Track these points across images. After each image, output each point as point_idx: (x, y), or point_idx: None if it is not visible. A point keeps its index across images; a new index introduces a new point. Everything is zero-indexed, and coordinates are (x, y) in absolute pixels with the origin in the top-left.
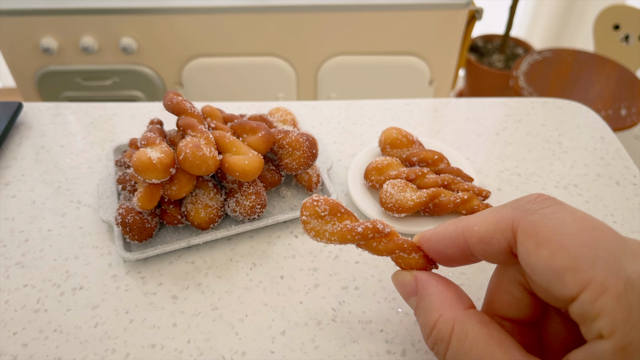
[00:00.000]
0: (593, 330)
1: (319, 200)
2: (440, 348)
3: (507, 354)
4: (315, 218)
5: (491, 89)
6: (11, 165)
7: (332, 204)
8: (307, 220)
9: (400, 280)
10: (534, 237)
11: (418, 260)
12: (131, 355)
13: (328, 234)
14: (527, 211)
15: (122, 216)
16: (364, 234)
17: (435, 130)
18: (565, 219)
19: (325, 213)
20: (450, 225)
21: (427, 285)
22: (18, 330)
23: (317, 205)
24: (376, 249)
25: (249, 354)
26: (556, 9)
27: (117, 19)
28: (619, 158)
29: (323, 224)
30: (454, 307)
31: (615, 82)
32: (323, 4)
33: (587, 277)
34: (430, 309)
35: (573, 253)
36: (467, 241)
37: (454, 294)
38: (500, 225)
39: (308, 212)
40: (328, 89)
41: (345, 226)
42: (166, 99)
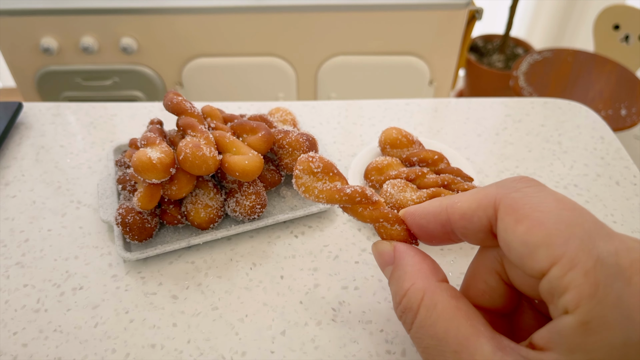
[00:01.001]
0: (559, 306)
1: (314, 157)
2: (408, 317)
3: (473, 327)
4: (307, 174)
5: (491, 89)
6: (11, 165)
7: (326, 162)
8: (299, 175)
9: (379, 249)
10: (514, 213)
11: (400, 232)
12: (131, 355)
13: (317, 191)
14: (510, 189)
15: (122, 216)
16: (351, 196)
17: (435, 130)
18: (546, 198)
19: (318, 170)
20: (435, 201)
21: (404, 255)
22: (18, 330)
23: (311, 161)
24: (361, 215)
25: (249, 354)
26: (556, 9)
27: (117, 19)
28: (619, 158)
29: (314, 181)
30: (427, 278)
31: (615, 82)
32: (323, 4)
33: (559, 252)
34: (403, 278)
35: (548, 230)
36: (450, 218)
37: (429, 266)
38: (483, 202)
39: (302, 166)
40: (328, 89)
41: (335, 186)
42: (166, 99)
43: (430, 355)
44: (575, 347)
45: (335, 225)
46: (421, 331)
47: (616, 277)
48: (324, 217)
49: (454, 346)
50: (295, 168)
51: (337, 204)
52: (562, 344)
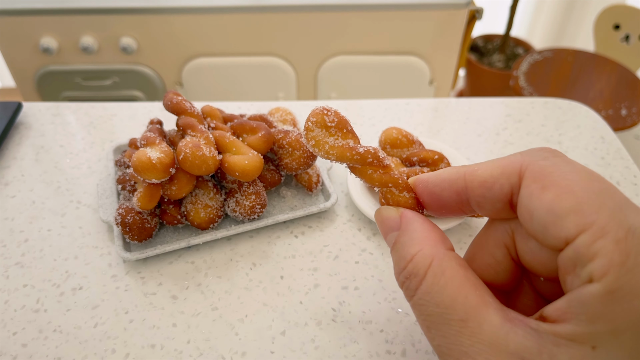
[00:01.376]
0: (583, 275)
1: (329, 110)
2: (413, 283)
3: (482, 297)
4: (319, 127)
5: (491, 89)
6: (11, 165)
7: (341, 118)
8: (311, 128)
9: (385, 214)
10: (541, 180)
11: (407, 200)
12: (131, 356)
13: (328, 147)
14: (538, 157)
15: (121, 216)
16: (363, 156)
17: (435, 130)
18: (575, 168)
19: (332, 125)
20: (451, 168)
21: (411, 222)
22: (18, 330)
23: (326, 114)
24: (370, 177)
25: (249, 354)
26: (556, 8)
27: (117, 18)
28: (619, 158)
29: (326, 136)
30: (436, 245)
31: (615, 82)
32: (323, 4)
33: (589, 220)
34: (410, 244)
35: (579, 198)
36: (467, 185)
37: (437, 234)
38: (507, 170)
39: (315, 119)
40: (328, 89)
41: (347, 144)
42: (166, 99)
43: (433, 324)
44: (598, 317)
45: (335, 225)
46: (426, 297)
47: None
48: (324, 217)
49: (461, 314)
50: (307, 120)
51: (346, 163)
52: (582, 314)
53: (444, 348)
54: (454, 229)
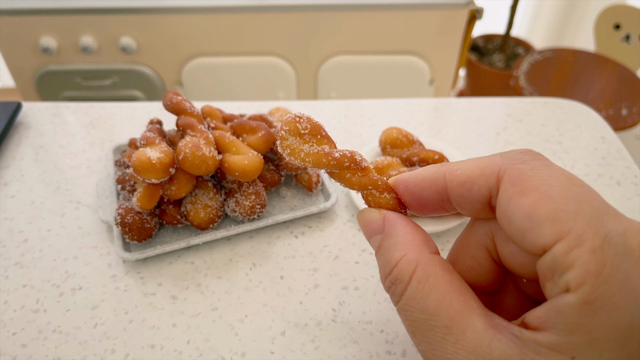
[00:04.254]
0: (560, 284)
1: (301, 117)
2: (398, 288)
3: (466, 303)
4: (293, 135)
5: (492, 89)
6: (10, 165)
7: (314, 124)
8: (284, 136)
9: (367, 217)
10: (519, 185)
11: (389, 201)
12: (130, 356)
13: (303, 154)
14: (516, 160)
15: (121, 216)
16: (340, 160)
17: (435, 130)
18: (554, 172)
19: (306, 132)
20: (431, 167)
21: (395, 225)
22: (17, 330)
23: (298, 122)
24: (349, 181)
25: (249, 355)
26: (557, 8)
27: (117, 18)
28: (620, 158)
29: (301, 143)
30: (420, 250)
31: (616, 81)
32: (323, 4)
33: (566, 228)
34: (394, 248)
35: (557, 204)
36: (447, 185)
37: (421, 237)
38: (485, 171)
39: (288, 127)
40: (328, 89)
41: (322, 149)
42: (166, 99)
43: (417, 330)
44: (575, 328)
45: (335, 226)
46: (411, 303)
47: (624, 257)
48: (324, 217)
49: (445, 321)
50: (280, 129)
51: (324, 169)
52: (560, 324)
53: (429, 354)
54: (455, 229)
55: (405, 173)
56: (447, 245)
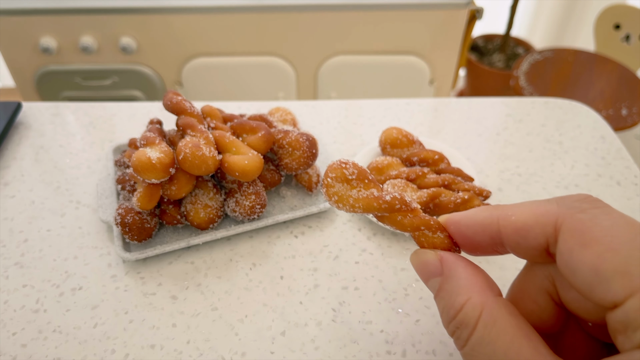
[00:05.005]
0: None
1: (347, 163)
2: (463, 333)
3: (535, 349)
4: (340, 182)
5: (492, 89)
6: (10, 165)
7: (360, 169)
8: (331, 184)
9: (422, 259)
10: (581, 236)
11: (443, 240)
12: (130, 356)
13: (352, 200)
14: (574, 209)
15: (121, 216)
16: (391, 203)
17: (435, 130)
18: (617, 221)
19: (353, 177)
20: (483, 211)
21: (454, 267)
22: (17, 330)
23: (345, 168)
24: (400, 223)
25: (249, 355)
26: (557, 8)
27: (117, 18)
28: (619, 158)
29: (348, 189)
30: (484, 292)
31: (616, 81)
32: (323, 4)
33: (637, 283)
34: (456, 291)
35: (623, 257)
36: (501, 230)
37: (483, 279)
38: (541, 219)
39: (334, 174)
40: (328, 89)
41: (371, 194)
42: (166, 99)
43: None
44: None
45: (335, 225)
46: (478, 349)
47: None
48: (324, 217)
49: None
50: (325, 176)
51: (374, 213)
52: None
53: None
54: None
55: (456, 214)
56: None
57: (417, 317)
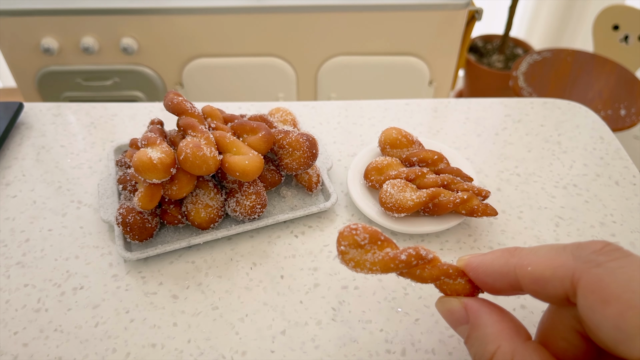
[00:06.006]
0: None
1: (357, 229)
2: None
3: None
4: (354, 248)
5: (491, 89)
6: (12, 166)
7: (371, 231)
8: (345, 251)
9: (448, 307)
10: (599, 293)
11: (465, 286)
12: (132, 355)
13: (369, 264)
14: (590, 263)
15: (122, 216)
16: (407, 261)
17: (435, 130)
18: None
19: (365, 242)
20: (500, 258)
21: (480, 314)
22: (19, 329)
23: (356, 234)
24: (420, 277)
25: (249, 354)
26: (556, 9)
27: (118, 19)
28: (618, 158)
29: (363, 254)
30: (512, 339)
31: (614, 82)
32: (323, 4)
33: None
34: (485, 340)
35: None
36: (519, 279)
37: (510, 323)
38: (558, 273)
39: (347, 241)
40: (328, 89)
41: (387, 254)
42: (166, 99)
43: None
44: None
45: (335, 225)
46: None
47: None
48: (324, 217)
49: None
50: (338, 244)
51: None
52: None
53: None
54: (454, 229)
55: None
56: (447, 244)
57: (417, 316)
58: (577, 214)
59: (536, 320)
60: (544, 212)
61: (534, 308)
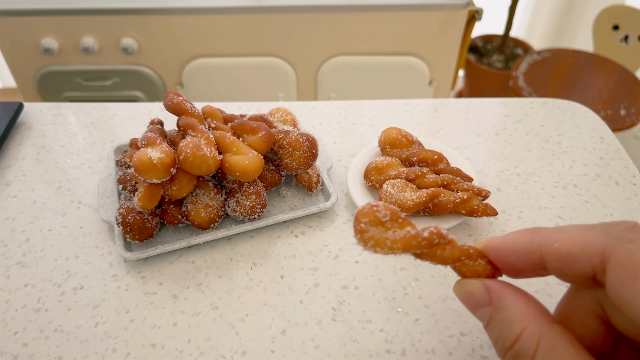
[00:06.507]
0: None
1: (378, 206)
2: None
3: None
4: (374, 225)
5: (491, 89)
6: (12, 166)
7: (392, 209)
8: (365, 229)
9: (468, 289)
10: (631, 268)
11: (485, 267)
12: (132, 355)
13: (390, 242)
14: (622, 239)
15: (122, 216)
16: (430, 239)
17: (435, 131)
18: None
19: (387, 219)
20: (524, 236)
21: (504, 295)
22: (19, 329)
23: (377, 211)
24: (441, 257)
25: (249, 354)
26: (555, 9)
27: (118, 19)
28: (618, 158)
29: (383, 232)
30: (539, 321)
31: (614, 82)
32: (323, 4)
33: None
34: (510, 321)
35: None
36: (544, 257)
37: (535, 305)
38: (587, 249)
39: (367, 218)
40: (328, 89)
41: (408, 232)
42: (166, 99)
43: None
44: None
45: (335, 225)
46: None
47: None
48: (324, 217)
49: None
50: (357, 222)
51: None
52: None
53: None
54: (454, 229)
55: (494, 239)
56: None
57: (417, 316)
58: (577, 214)
59: None
60: (544, 212)
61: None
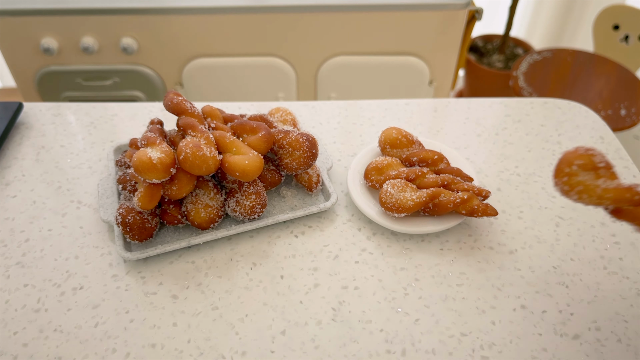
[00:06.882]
0: None
1: (594, 149)
2: None
3: None
4: (587, 170)
5: (491, 89)
6: (12, 165)
7: (607, 159)
8: (575, 172)
9: None
10: None
11: None
12: (131, 355)
13: (601, 190)
14: None
15: (122, 216)
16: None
17: (435, 131)
18: None
19: (602, 165)
20: None
21: None
22: (18, 329)
23: (593, 155)
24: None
25: (249, 354)
26: (556, 9)
27: (118, 19)
28: (618, 158)
29: (594, 179)
30: None
31: (614, 82)
32: (323, 4)
33: None
34: None
35: None
36: None
37: None
38: None
39: (582, 160)
40: (328, 89)
41: (620, 185)
42: (166, 99)
43: None
44: None
45: (335, 225)
46: None
47: None
48: (324, 217)
49: None
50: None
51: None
52: None
53: None
54: (454, 229)
55: None
56: (447, 244)
57: (417, 317)
58: (577, 213)
59: (536, 320)
60: (544, 212)
61: (533, 308)
